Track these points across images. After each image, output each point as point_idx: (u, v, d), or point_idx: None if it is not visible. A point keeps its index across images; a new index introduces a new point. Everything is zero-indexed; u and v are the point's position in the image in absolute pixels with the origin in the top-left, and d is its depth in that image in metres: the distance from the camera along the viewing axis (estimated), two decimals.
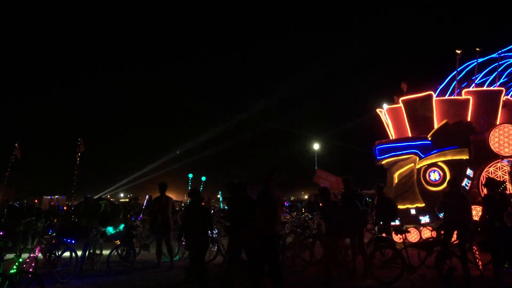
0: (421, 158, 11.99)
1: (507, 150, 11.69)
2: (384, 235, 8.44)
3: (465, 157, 11.72)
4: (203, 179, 26.84)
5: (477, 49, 13.48)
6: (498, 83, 13.68)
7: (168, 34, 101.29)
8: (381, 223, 8.87)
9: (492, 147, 11.74)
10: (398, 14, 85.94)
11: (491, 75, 14.06)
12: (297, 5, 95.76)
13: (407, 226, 10.86)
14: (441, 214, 9.07)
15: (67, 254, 8.41)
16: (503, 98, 12.68)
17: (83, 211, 13.77)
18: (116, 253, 9.77)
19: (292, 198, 47.47)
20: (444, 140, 11.82)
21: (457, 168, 11.69)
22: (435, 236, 9.15)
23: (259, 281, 6.11)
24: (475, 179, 11.76)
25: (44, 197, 32.52)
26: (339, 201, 9.15)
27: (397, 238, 9.30)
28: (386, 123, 14.05)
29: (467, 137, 11.88)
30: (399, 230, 8.42)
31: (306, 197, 39.97)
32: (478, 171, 11.78)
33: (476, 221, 8.83)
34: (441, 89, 13.67)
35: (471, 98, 12.51)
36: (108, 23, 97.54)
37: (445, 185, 11.64)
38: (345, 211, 8.27)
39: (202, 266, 7.66)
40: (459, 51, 13.07)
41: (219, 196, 23.16)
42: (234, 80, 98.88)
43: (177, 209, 13.17)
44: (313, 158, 36.97)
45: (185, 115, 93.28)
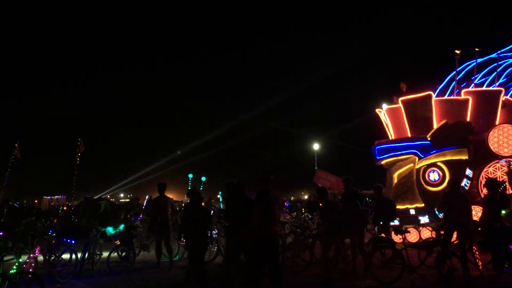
0: (420, 158, 12.00)
1: (506, 150, 11.72)
2: (383, 235, 8.45)
3: (465, 157, 11.74)
4: (203, 179, 26.83)
5: (476, 49, 13.48)
6: (497, 83, 13.68)
7: (168, 34, 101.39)
8: (381, 223, 8.88)
9: (491, 147, 11.76)
10: (398, 14, 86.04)
11: (491, 75, 14.05)
12: (297, 5, 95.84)
13: (407, 226, 10.88)
14: (441, 214, 9.09)
15: (67, 254, 8.43)
16: (502, 98, 12.70)
17: (83, 211, 13.76)
18: (116, 254, 9.79)
19: (292, 198, 47.49)
20: (443, 140, 11.83)
21: (456, 168, 11.71)
22: (435, 236, 9.17)
23: (259, 282, 6.11)
24: (474, 179, 11.77)
25: (44, 197, 32.49)
26: (339, 201, 9.17)
27: (397, 238, 9.31)
28: (385, 123, 14.06)
29: (467, 137, 11.90)
30: (399, 230, 8.44)
31: (306, 197, 40.06)
32: (477, 171, 11.79)
33: (476, 221, 8.83)
34: (440, 89, 13.66)
35: (470, 98, 12.53)
36: (108, 23, 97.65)
37: (444, 185, 11.66)
38: (345, 211, 8.27)
39: (202, 266, 7.67)
40: (458, 51, 13.07)
41: (219, 196, 23.17)
42: (234, 80, 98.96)
43: (178, 209, 13.16)
44: (313, 158, 37.00)
45: (185, 115, 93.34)
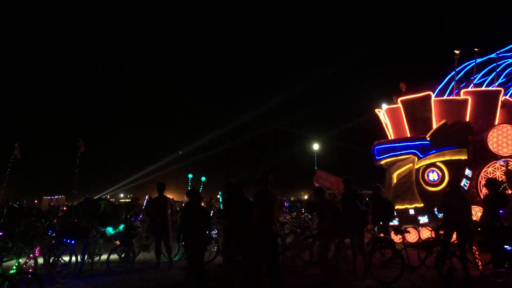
0: (419, 158, 12.00)
1: (505, 150, 11.73)
2: (382, 235, 8.47)
3: (464, 157, 11.75)
4: (203, 179, 26.86)
5: (476, 49, 13.48)
6: (496, 83, 13.68)
7: (168, 34, 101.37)
8: (381, 223, 8.89)
9: (490, 147, 11.77)
10: (397, 14, 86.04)
11: (490, 75, 14.06)
12: (297, 6, 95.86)
13: (406, 226, 10.89)
14: (440, 214, 9.10)
15: (67, 254, 8.44)
16: (501, 98, 12.70)
17: (83, 211, 13.79)
18: (115, 254, 9.80)
19: (292, 198, 47.48)
20: (442, 140, 11.84)
21: (455, 168, 11.71)
22: (434, 236, 9.17)
23: (259, 282, 6.12)
24: (473, 179, 11.78)
25: (43, 197, 32.49)
26: (339, 201, 9.17)
27: (397, 238, 9.32)
28: (385, 123, 14.06)
29: (466, 137, 11.90)
30: (399, 230, 8.44)
31: (306, 197, 40.06)
32: (476, 171, 11.80)
33: (476, 221, 8.84)
34: (439, 89, 13.66)
35: (469, 98, 12.53)
36: (108, 23, 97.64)
37: (443, 185, 11.68)
38: (345, 211, 8.28)
39: (201, 266, 7.69)
40: (457, 51, 13.07)
41: (218, 196, 23.17)
42: (234, 80, 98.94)
43: (178, 209, 13.18)
44: (313, 158, 37.01)
45: (185, 115, 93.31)
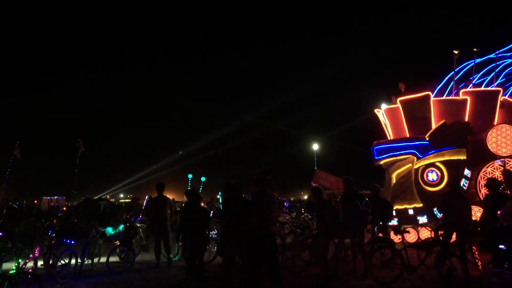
0: (419, 158, 12.02)
1: (504, 150, 11.75)
2: (380, 235, 8.48)
3: (463, 157, 11.78)
4: (203, 179, 26.91)
5: (475, 49, 13.50)
6: (495, 84, 13.71)
7: (168, 34, 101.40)
8: (381, 223, 8.91)
9: (489, 148, 11.79)
10: (397, 14, 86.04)
11: (489, 75, 14.08)
12: (297, 6, 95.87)
13: (405, 226, 10.90)
14: (439, 214, 9.10)
15: (66, 254, 8.46)
16: (500, 98, 12.71)
17: (82, 211, 13.81)
18: (115, 254, 9.82)
19: (292, 198, 47.50)
20: (441, 140, 11.86)
21: (454, 168, 11.74)
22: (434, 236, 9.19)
23: (259, 282, 6.12)
24: (472, 180, 11.80)
25: (43, 197, 32.53)
26: (339, 202, 9.17)
27: (396, 238, 9.34)
28: (384, 124, 14.08)
29: (465, 137, 11.94)
30: (398, 230, 8.44)
31: (306, 197, 40.04)
32: (475, 172, 11.83)
33: (475, 221, 8.85)
34: (439, 89, 13.68)
35: (468, 98, 12.55)
36: (108, 23, 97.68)
37: (442, 185, 11.71)
38: (346, 211, 8.29)
39: (201, 266, 7.71)
40: (456, 52, 13.08)
41: (218, 196, 23.20)
42: (234, 80, 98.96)
43: (178, 209, 13.20)
44: (313, 158, 37.02)
45: (185, 115, 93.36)
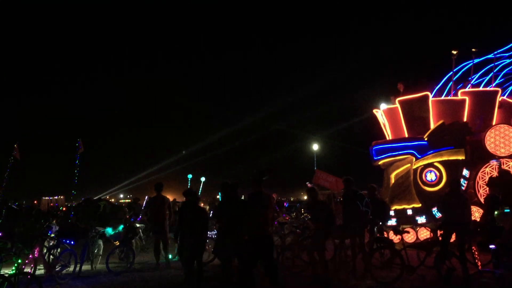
0: (417, 158, 12.04)
1: (503, 150, 11.76)
2: (378, 235, 8.50)
3: (461, 157, 11.80)
4: (203, 180, 26.93)
5: (473, 49, 13.54)
6: (494, 84, 13.74)
7: (168, 34, 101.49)
8: (380, 223, 8.93)
9: (488, 148, 11.80)
10: (397, 14, 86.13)
11: (487, 75, 14.12)
12: (297, 6, 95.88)
13: (404, 226, 10.93)
14: (438, 214, 9.11)
15: (66, 255, 8.49)
16: (499, 98, 12.74)
17: (82, 212, 13.85)
18: (115, 254, 9.84)
19: (292, 198, 47.51)
20: (440, 140, 11.87)
21: (453, 168, 11.76)
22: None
23: (254, 282, 6.13)
24: (471, 180, 11.82)
25: (43, 198, 32.56)
26: (339, 202, 9.19)
27: (396, 238, 9.36)
28: (383, 124, 14.10)
29: (463, 137, 11.95)
30: (398, 230, 8.47)
31: (305, 197, 40.03)
32: (474, 172, 11.85)
33: (475, 221, 8.88)
34: (437, 90, 13.72)
35: (467, 98, 12.57)
36: (108, 23, 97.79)
37: (441, 185, 11.73)
38: (346, 211, 8.32)
39: (200, 266, 7.71)
40: (455, 52, 13.12)
41: (218, 197, 23.23)
42: (234, 80, 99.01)
43: (178, 209, 13.20)
44: (313, 158, 37.06)
45: (185, 115, 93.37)
